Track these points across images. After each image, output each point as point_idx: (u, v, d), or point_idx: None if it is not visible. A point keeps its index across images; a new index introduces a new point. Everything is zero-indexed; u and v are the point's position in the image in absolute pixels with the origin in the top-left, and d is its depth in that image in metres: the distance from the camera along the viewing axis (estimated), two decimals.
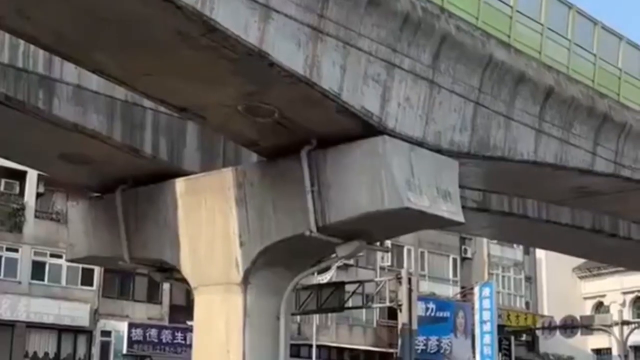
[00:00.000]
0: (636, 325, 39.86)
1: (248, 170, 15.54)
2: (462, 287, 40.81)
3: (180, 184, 16.41)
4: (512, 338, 41.66)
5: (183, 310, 31.62)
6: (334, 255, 15.65)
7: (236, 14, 11.47)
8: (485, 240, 42.12)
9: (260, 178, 15.31)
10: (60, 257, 30.18)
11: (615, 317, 38.46)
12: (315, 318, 34.35)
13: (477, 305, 36.62)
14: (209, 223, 15.79)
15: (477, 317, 36.55)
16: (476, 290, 37.33)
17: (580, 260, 52.65)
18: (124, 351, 32.94)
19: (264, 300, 15.38)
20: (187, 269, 16.29)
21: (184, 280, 16.85)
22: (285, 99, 13.21)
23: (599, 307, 58.09)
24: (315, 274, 27.64)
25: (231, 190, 15.41)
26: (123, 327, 33.07)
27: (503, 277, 44.76)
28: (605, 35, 18.57)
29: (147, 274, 19.46)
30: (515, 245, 44.53)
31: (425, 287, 38.66)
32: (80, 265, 30.81)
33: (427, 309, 36.73)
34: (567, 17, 17.46)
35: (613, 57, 18.86)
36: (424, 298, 36.30)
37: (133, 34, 11.56)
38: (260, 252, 15.09)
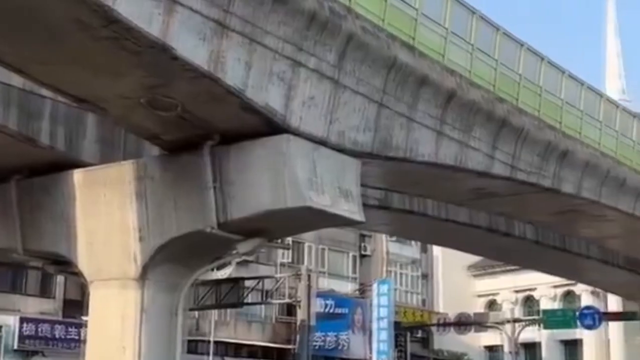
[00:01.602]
0: (527, 323, 41.13)
1: (149, 164, 15.24)
2: (361, 284, 41.23)
3: (78, 175, 15.95)
4: (408, 334, 42.35)
5: (77, 305, 30.78)
6: (234, 252, 15.51)
7: (139, 6, 11.21)
8: (384, 237, 42.65)
9: (161, 172, 15.04)
10: None
11: (507, 315, 39.58)
12: (214, 314, 34.10)
13: (374, 302, 37.08)
14: (107, 216, 15.41)
15: (374, 314, 37.01)
16: (374, 287, 37.78)
17: (475, 259, 54.03)
18: (15, 346, 31.88)
19: (161, 296, 15.14)
20: (82, 262, 15.87)
21: (79, 274, 16.40)
22: (189, 94, 13.00)
23: (492, 305, 59.69)
24: (215, 269, 27.39)
25: (131, 184, 15.08)
26: (13, 321, 32.00)
27: (400, 274, 45.45)
28: (506, 41, 19.02)
29: (40, 267, 18.88)
30: (412, 243, 45.29)
31: (325, 283, 38.87)
32: None
33: (325, 305, 36.94)
34: (470, 22, 17.80)
35: (513, 63, 19.33)
36: (323, 294, 36.49)
37: (28, 20, 11.14)
38: (159, 247, 14.83)
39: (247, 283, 27.49)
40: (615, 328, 51.90)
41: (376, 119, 15.55)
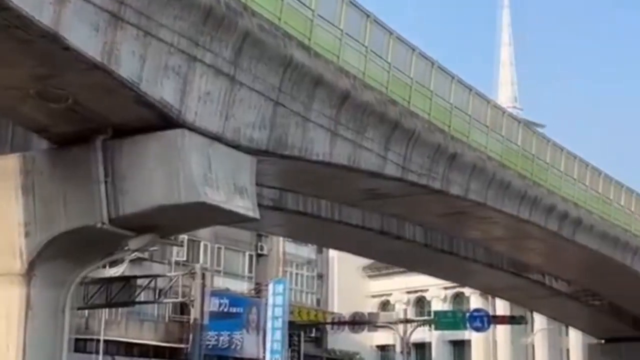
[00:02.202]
0: (418, 323, 41.98)
1: (37, 158, 14.87)
2: (257, 284, 41.23)
3: None
4: (302, 334, 42.60)
5: None
6: (125, 248, 15.32)
7: None
8: (280, 237, 42.80)
9: (50, 166, 14.69)
10: None
11: (399, 316, 40.31)
12: (104, 312, 33.47)
13: (269, 302, 37.14)
14: None
15: (268, 313, 37.07)
16: (269, 286, 37.85)
17: (369, 260, 54.85)
18: None
19: (48, 293, 14.77)
20: None
21: None
22: (81, 85, 12.78)
23: (385, 305, 60.74)
24: (107, 266, 26.92)
25: (17, 178, 14.65)
26: None
27: (296, 274, 45.70)
28: (399, 45, 19.46)
29: None
30: (308, 244, 45.60)
31: (220, 282, 38.70)
32: None
33: (220, 304, 36.78)
34: (365, 24, 18.13)
35: (405, 66, 19.79)
36: (218, 293, 36.33)
37: None
38: (46, 243, 14.47)
39: (140, 281, 27.11)
40: (501, 330, 53.63)
41: (272, 117, 15.67)
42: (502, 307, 51.05)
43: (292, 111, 16.21)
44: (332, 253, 49.71)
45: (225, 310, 37.06)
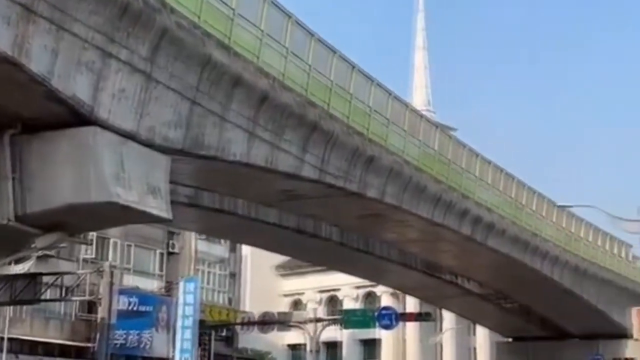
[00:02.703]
0: (328, 322, 42.05)
1: None
2: (167, 282, 40.59)
3: None
4: (212, 333, 42.17)
5: None
6: (32, 246, 14.82)
7: None
8: (192, 235, 42.26)
9: None
10: None
11: (311, 315, 40.30)
12: (9, 310, 32.38)
13: (180, 300, 36.60)
14: None
15: (179, 312, 36.53)
16: (180, 285, 37.31)
17: (283, 259, 54.78)
18: None
19: None
20: None
21: None
22: None
23: (297, 304, 60.78)
24: (13, 263, 25.99)
25: None
26: None
27: (208, 273, 45.20)
28: (320, 47, 19.35)
29: None
30: (221, 242, 45.19)
31: (130, 281, 37.93)
32: None
33: (129, 303, 36.04)
34: (286, 26, 17.95)
35: (325, 68, 19.70)
36: (127, 292, 35.60)
37: None
38: None
39: (46, 279, 26.25)
40: (411, 329, 54.36)
41: (188, 116, 15.36)
42: (412, 306, 51.72)
43: (210, 111, 15.93)
44: (246, 252, 49.39)
45: (135, 308, 36.35)
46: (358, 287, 57.07)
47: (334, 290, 59.08)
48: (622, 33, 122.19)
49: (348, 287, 57.24)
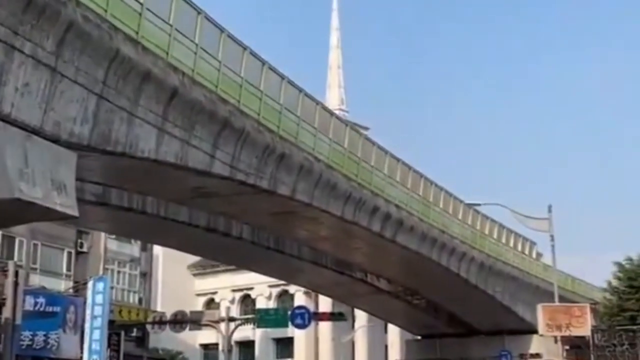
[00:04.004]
0: (241, 321, 42.00)
1: None
2: (76, 282, 39.78)
3: None
4: (122, 333, 41.49)
5: None
6: None
7: None
8: (102, 234, 41.52)
9: None
10: None
11: (224, 314, 40.13)
12: None
13: (89, 300, 35.90)
14: None
15: (88, 312, 35.84)
16: (89, 285, 36.60)
17: (196, 258, 54.37)
18: None
19: None
20: None
21: None
22: None
23: (210, 303, 60.40)
24: None
25: None
26: None
27: (119, 272, 44.51)
28: (230, 43, 19.34)
29: None
30: (132, 241, 44.58)
31: (37, 280, 37.03)
32: None
33: (36, 303, 35.11)
34: (196, 21, 17.88)
35: (236, 65, 19.70)
36: (34, 292, 34.72)
37: None
38: None
39: None
40: (325, 328, 54.70)
41: (95, 112, 15.15)
42: (325, 305, 52.05)
43: (117, 106, 15.73)
44: (158, 251, 48.86)
45: (42, 309, 35.46)
46: (272, 286, 57.11)
47: (247, 289, 58.97)
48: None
49: (262, 286, 57.22)
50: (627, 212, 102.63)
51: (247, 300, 60.07)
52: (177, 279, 56.68)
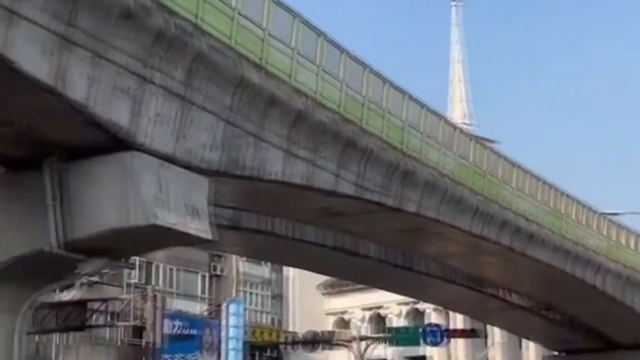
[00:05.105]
0: (373, 340, 41.96)
1: None
2: (211, 304, 40.89)
3: None
4: (257, 354, 42.32)
5: None
6: (76, 272, 15.09)
7: None
8: (234, 257, 42.55)
9: (1, 190, 14.45)
10: None
11: (355, 333, 40.26)
12: (56, 337, 32.89)
13: (224, 322, 36.85)
14: None
15: (224, 334, 36.79)
16: (224, 307, 37.57)
17: (327, 278, 54.74)
18: None
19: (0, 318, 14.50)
20: None
21: None
22: (29, 108, 12.60)
23: (341, 322, 60.60)
24: (58, 291, 26.48)
25: None
26: None
27: (251, 294, 45.44)
28: (352, 63, 19.52)
29: None
30: (263, 263, 45.41)
31: (175, 304, 38.31)
32: None
33: (174, 326, 36.36)
34: (317, 43, 18.16)
35: (358, 84, 19.86)
36: (172, 315, 35.95)
37: None
38: None
39: (92, 305, 26.70)
40: (459, 345, 53.78)
41: (224, 137, 15.60)
42: (460, 321, 51.30)
43: (245, 131, 16.15)
44: (292, 272, 49.57)
45: (180, 332, 36.66)
46: (401, 304, 56.72)
47: (377, 307, 58.80)
48: None
49: (391, 304, 56.91)
50: None
51: (378, 319, 59.92)
52: (308, 299, 57.20)
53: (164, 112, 14.13)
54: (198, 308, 40.75)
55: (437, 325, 41.85)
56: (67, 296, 30.89)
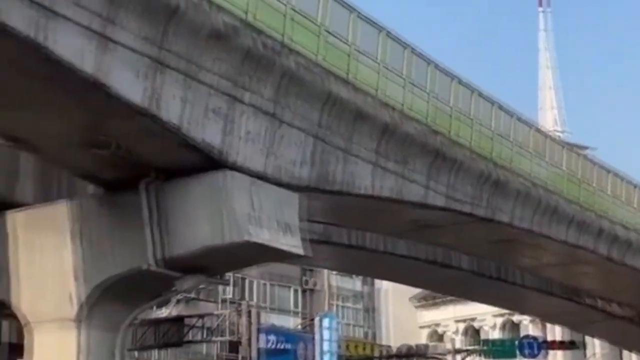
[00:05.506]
0: (467, 353, 41.40)
1: (85, 203, 15.12)
2: (304, 319, 41.11)
3: (12, 216, 15.70)
4: None
5: (17, 349, 30.02)
6: (173, 289, 15.41)
7: (72, 43, 11.21)
8: (325, 271, 42.69)
9: (97, 211, 14.92)
10: None
11: (449, 346, 39.80)
12: (155, 353, 33.59)
13: (318, 336, 36.95)
14: (43, 257, 15.19)
15: (318, 348, 36.88)
16: (317, 321, 37.69)
17: (419, 290, 54.33)
18: None
19: (99, 336, 14.91)
20: (18, 304, 15.57)
21: (14, 317, 16.09)
22: (124, 131, 12.99)
23: (434, 335, 60.02)
24: (154, 307, 27.07)
25: (66, 223, 14.91)
26: None
27: (342, 307, 45.47)
28: (438, 74, 19.40)
29: None
30: (354, 276, 45.41)
31: (268, 319, 38.65)
32: None
33: (269, 341, 36.64)
34: (403, 56, 18.13)
35: (445, 95, 19.72)
36: (267, 330, 36.25)
37: None
38: (95, 286, 14.66)
39: (189, 321, 27.20)
40: (559, 357, 52.48)
41: (313, 153, 15.71)
42: (558, 333, 50.05)
43: (334, 146, 16.24)
44: (381, 285, 49.42)
45: (275, 346, 36.91)
46: (495, 316, 55.78)
47: (471, 319, 58.00)
48: None
49: (485, 316, 56.05)
50: None
51: (470, 331, 59.11)
52: (400, 312, 56.86)
53: (254, 130, 14.34)
54: (291, 322, 41.00)
55: (534, 338, 40.98)
56: (164, 313, 31.56)
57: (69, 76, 11.37)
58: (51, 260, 15.05)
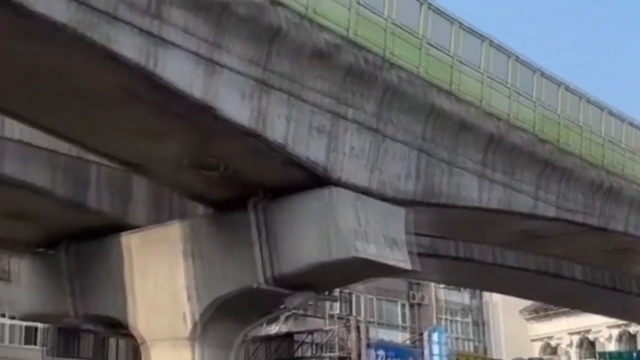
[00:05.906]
0: None
1: (195, 223, 15.43)
2: (412, 333, 40.79)
3: (126, 237, 16.20)
4: None
5: None
6: (282, 306, 15.54)
7: (181, 69, 11.50)
8: (432, 285, 42.27)
9: (207, 230, 15.21)
10: (3, 315, 29.46)
11: (564, 359, 38.73)
12: None
13: (427, 351, 36.60)
14: (156, 277, 15.59)
15: None
16: (425, 335, 37.34)
17: (529, 302, 53.15)
18: None
19: (213, 354, 15.19)
20: (133, 324, 16.02)
21: (130, 336, 16.54)
22: (232, 152, 13.22)
23: (547, 348, 58.53)
24: (264, 324, 27.37)
25: (179, 244, 15.26)
26: None
27: (450, 321, 44.90)
28: (544, 81, 19.00)
29: (92, 330, 19.05)
30: (462, 289, 44.82)
31: (376, 333, 38.51)
32: (24, 324, 30.03)
33: (377, 356, 36.51)
34: (507, 65, 17.84)
35: (552, 103, 19.28)
36: (375, 345, 36.13)
37: (75, 90, 11.49)
38: (208, 305, 14.94)
39: (298, 337, 27.38)
40: None
41: (417, 166, 15.60)
42: None
43: (438, 158, 16.09)
44: (495, 297, 48.60)
45: None
46: (611, 327, 53.98)
47: (585, 331, 56.30)
48: None
49: (602, 328, 54.32)
50: None
51: (585, 343, 57.36)
52: (511, 325, 55.71)
53: (358, 146, 14.34)
54: (400, 337, 40.73)
55: None
56: (273, 329, 31.88)
57: (178, 101, 11.66)
58: (165, 280, 15.42)
